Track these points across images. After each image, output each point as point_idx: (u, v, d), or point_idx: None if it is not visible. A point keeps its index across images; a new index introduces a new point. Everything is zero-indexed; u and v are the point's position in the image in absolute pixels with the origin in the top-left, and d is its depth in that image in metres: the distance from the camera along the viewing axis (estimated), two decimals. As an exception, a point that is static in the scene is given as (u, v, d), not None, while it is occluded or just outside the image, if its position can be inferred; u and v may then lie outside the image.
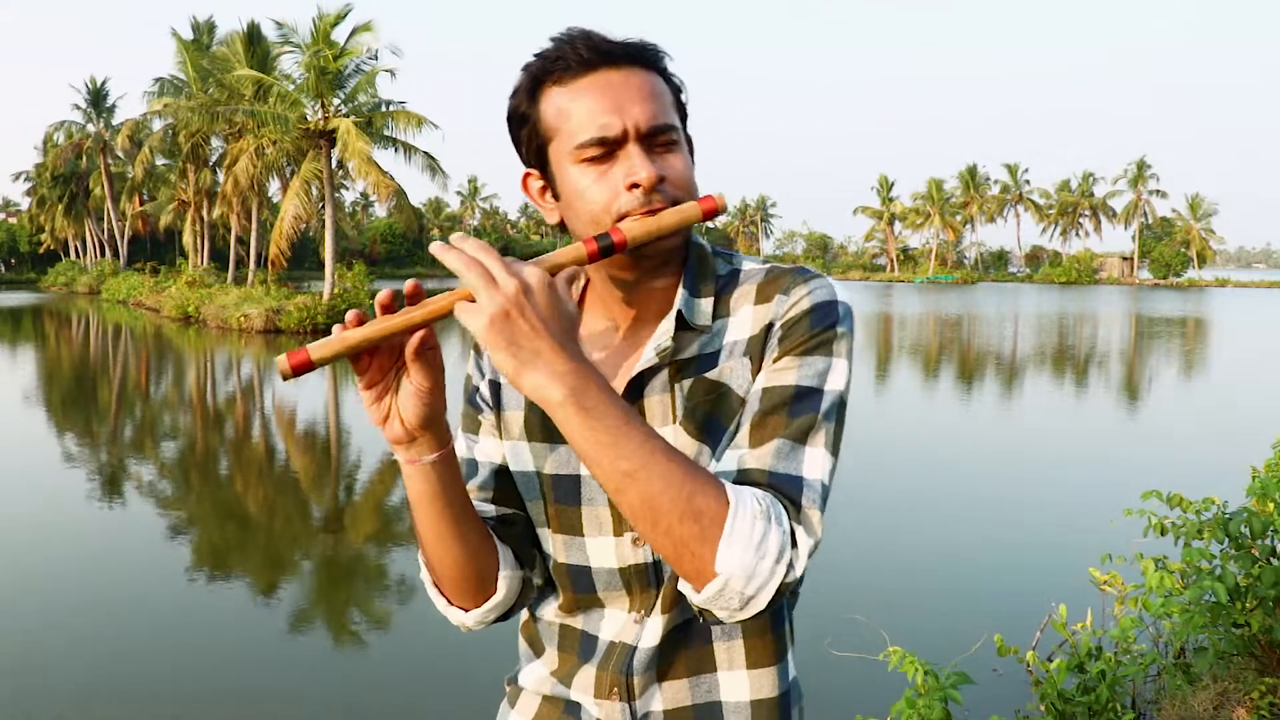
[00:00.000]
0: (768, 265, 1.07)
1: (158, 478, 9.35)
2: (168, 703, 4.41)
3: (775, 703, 1.08)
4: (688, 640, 1.06)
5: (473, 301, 0.85)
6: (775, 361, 0.98)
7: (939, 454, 10.27)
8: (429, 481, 0.98)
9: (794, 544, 0.88)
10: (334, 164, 27.85)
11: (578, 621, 1.11)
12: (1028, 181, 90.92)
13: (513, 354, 0.84)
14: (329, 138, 27.15)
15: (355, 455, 10.68)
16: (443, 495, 0.99)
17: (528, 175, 1.07)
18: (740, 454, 0.95)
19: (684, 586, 0.91)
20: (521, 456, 1.10)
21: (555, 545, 1.10)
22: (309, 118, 27.59)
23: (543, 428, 1.08)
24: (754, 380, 1.00)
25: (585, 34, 1.00)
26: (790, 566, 0.87)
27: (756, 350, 1.01)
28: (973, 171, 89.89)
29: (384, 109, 28.02)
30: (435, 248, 0.87)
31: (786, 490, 0.91)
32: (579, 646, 1.10)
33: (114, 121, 53.88)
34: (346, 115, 27.37)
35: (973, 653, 4.03)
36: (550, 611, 1.14)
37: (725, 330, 1.04)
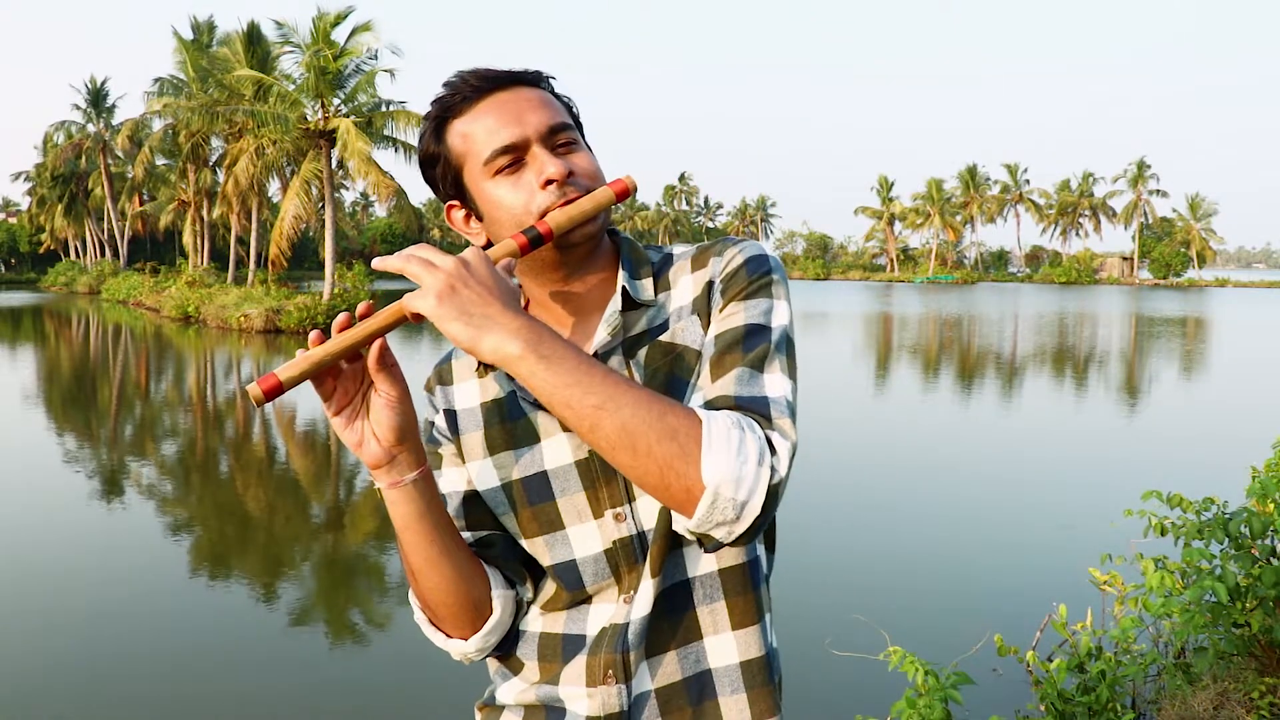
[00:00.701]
0: (698, 244, 1.13)
1: (158, 478, 9.35)
2: (168, 703, 4.41)
3: (763, 661, 1.08)
4: (671, 609, 1.06)
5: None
6: (721, 311, 1.04)
7: (939, 454, 10.27)
8: (414, 502, 1.01)
9: (772, 450, 0.91)
10: (334, 164, 27.85)
11: (562, 626, 1.10)
12: (1028, 181, 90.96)
13: (465, 322, 0.89)
14: (329, 138, 27.16)
15: (355, 455, 10.66)
16: (428, 515, 1.03)
17: (450, 208, 1.12)
18: (704, 391, 0.99)
19: (677, 520, 0.93)
20: (487, 474, 1.12)
21: (541, 550, 1.10)
22: (309, 118, 27.60)
23: (505, 437, 1.11)
24: (705, 335, 1.05)
25: (474, 70, 1.08)
26: (773, 469, 0.90)
27: (703, 308, 1.07)
28: (973, 171, 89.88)
29: (384, 109, 28.03)
30: (375, 262, 0.93)
31: (753, 407, 0.95)
32: (562, 649, 1.09)
33: (114, 121, 53.89)
34: (346, 115, 27.38)
35: (973, 653, 4.03)
36: (531, 623, 1.13)
37: (669, 302, 1.09)
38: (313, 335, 0.94)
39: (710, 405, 0.96)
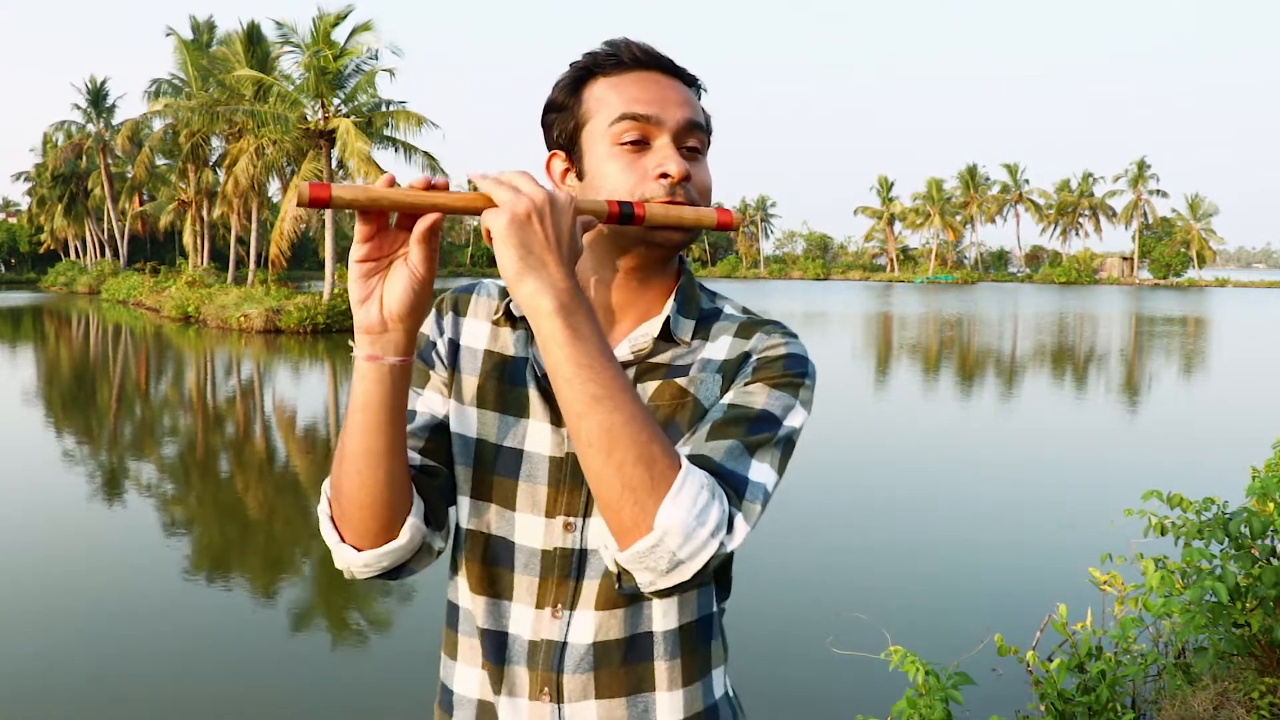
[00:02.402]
0: (748, 314, 1.12)
1: (158, 478, 9.35)
2: (168, 703, 4.41)
3: (702, 717, 1.08)
4: (627, 657, 1.05)
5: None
6: (746, 384, 1.02)
7: (939, 454, 10.27)
8: (382, 385, 0.97)
9: (729, 527, 0.90)
10: (334, 164, 27.85)
11: (489, 616, 1.08)
12: (1027, 181, 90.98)
13: (521, 255, 0.88)
14: (329, 138, 27.15)
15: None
16: (388, 405, 0.98)
17: (552, 157, 1.10)
18: (695, 444, 0.97)
19: (607, 544, 0.91)
20: (467, 420, 1.09)
21: (481, 514, 1.08)
22: (309, 118, 27.59)
23: (498, 397, 1.08)
24: (721, 397, 1.04)
25: (639, 43, 1.06)
26: (722, 544, 0.89)
27: (730, 372, 1.05)
28: (972, 171, 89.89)
29: (384, 109, 28.03)
30: (471, 173, 0.93)
31: (732, 482, 0.94)
32: (493, 649, 1.08)
33: (114, 121, 53.88)
34: (346, 115, 27.38)
35: (973, 653, 4.03)
36: (464, 603, 1.11)
37: (700, 350, 1.07)
38: (386, 177, 0.92)
39: (693, 460, 0.94)
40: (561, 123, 1.07)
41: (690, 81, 1.08)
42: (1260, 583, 3.09)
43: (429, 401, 1.12)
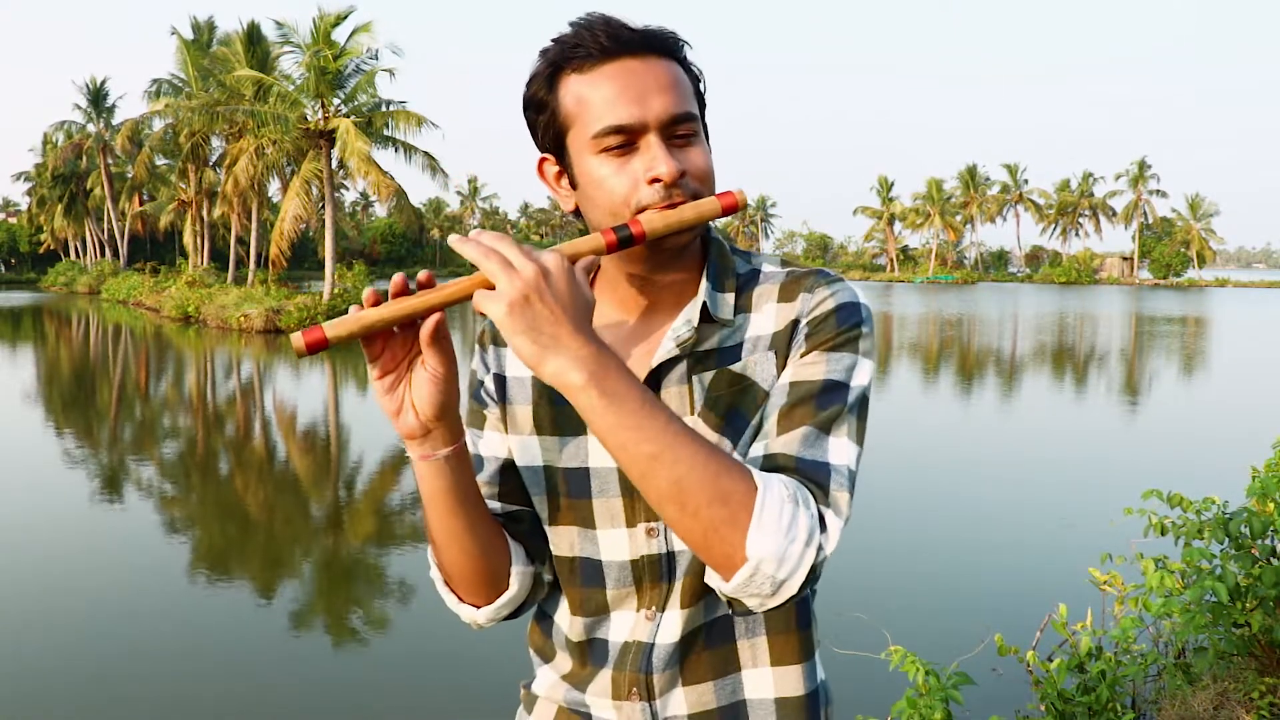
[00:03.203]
0: (788, 267, 1.06)
1: (158, 477, 9.35)
2: (168, 703, 4.41)
3: (802, 701, 1.07)
4: (710, 640, 1.04)
5: (492, 289, 0.85)
6: (802, 356, 0.99)
7: (940, 453, 10.27)
8: (443, 477, 0.97)
9: (823, 527, 0.88)
10: (334, 164, 27.85)
11: (587, 629, 1.08)
12: (1027, 181, 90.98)
13: (533, 339, 0.84)
14: (329, 138, 27.17)
15: (356, 455, 10.68)
16: (456, 491, 0.98)
17: (543, 160, 1.06)
18: (767, 443, 0.95)
19: (712, 577, 0.90)
20: (530, 451, 1.09)
21: (566, 540, 1.08)
22: (309, 118, 27.60)
23: (552, 421, 1.07)
24: (779, 375, 1.00)
25: (605, 20, 0.98)
26: (820, 549, 0.87)
27: (782, 345, 1.01)
28: (972, 171, 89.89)
29: (384, 109, 28.04)
30: (453, 240, 0.87)
31: (813, 475, 0.91)
32: (590, 654, 1.09)
33: (114, 121, 53.88)
34: (346, 115, 27.39)
35: (973, 653, 4.03)
36: (559, 618, 1.12)
37: (747, 325, 1.03)
38: (368, 292, 0.89)
39: (769, 460, 0.92)
40: (544, 125, 1.02)
41: (670, 51, 0.99)
42: (1260, 583, 3.09)
43: (490, 444, 1.11)
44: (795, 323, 1.01)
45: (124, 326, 31.10)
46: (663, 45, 0.99)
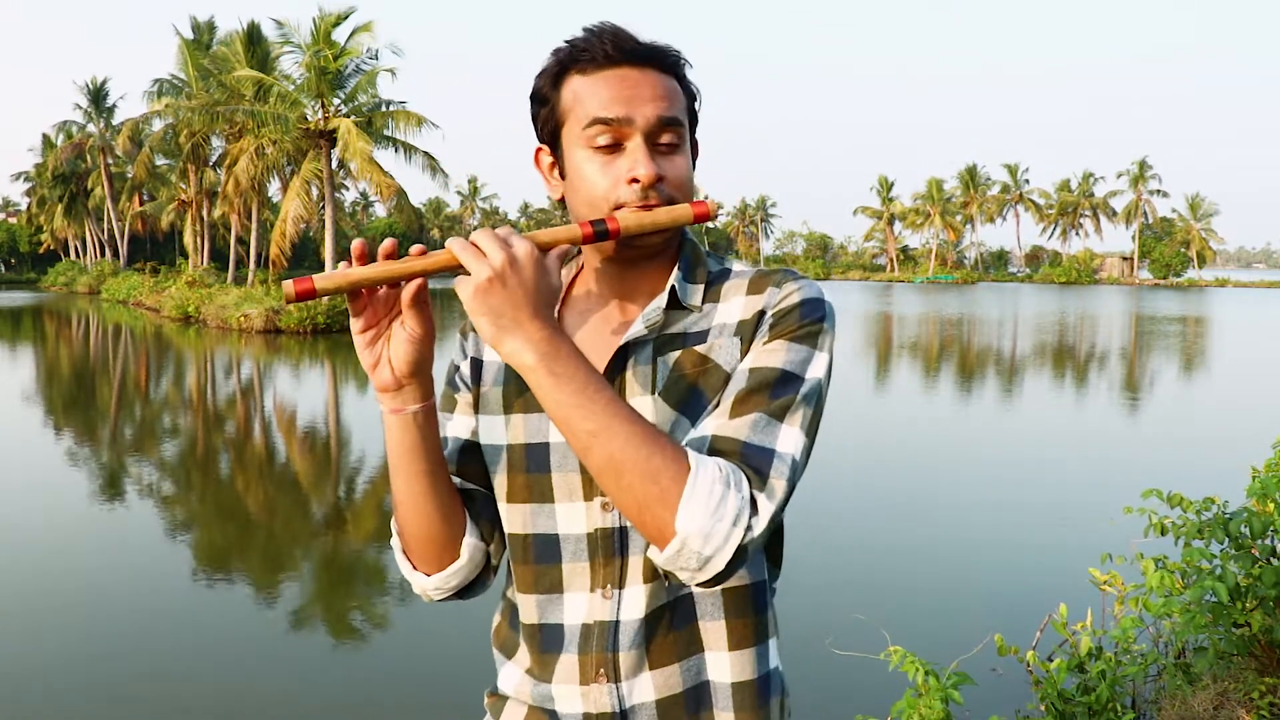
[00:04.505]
0: (757, 267, 1.12)
1: (158, 477, 9.35)
2: (168, 703, 4.41)
3: (753, 686, 1.09)
4: (674, 621, 1.07)
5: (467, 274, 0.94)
6: (765, 344, 1.03)
7: (939, 453, 10.27)
8: (409, 432, 1.05)
9: (755, 510, 0.92)
10: (334, 164, 27.85)
11: (543, 613, 1.11)
12: (1028, 181, 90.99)
13: (493, 320, 0.93)
14: (329, 138, 27.17)
15: (356, 455, 10.68)
16: (421, 447, 1.06)
17: (539, 150, 1.13)
18: (719, 423, 0.98)
19: (650, 549, 0.95)
20: (496, 429, 1.14)
21: (521, 516, 1.12)
22: (309, 118, 27.60)
23: (520, 399, 1.12)
24: (741, 360, 1.04)
25: (614, 30, 1.06)
26: (748, 529, 0.91)
27: (747, 333, 1.06)
28: (973, 171, 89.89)
29: (384, 109, 28.04)
30: (449, 242, 0.96)
31: (755, 461, 0.94)
32: (549, 639, 1.11)
33: (114, 121, 53.89)
34: (347, 115, 27.39)
35: (973, 653, 4.03)
36: (518, 607, 1.15)
37: (714, 314, 1.09)
38: (356, 244, 0.97)
39: (716, 444, 0.96)
40: (544, 118, 1.09)
41: (669, 67, 1.07)
42: (1260, 583, 3.09)
43: (456, 427, 1.18)
44: (761, 313, 1.06)
45: (124, 326, 31.10)
46: (663, 60, 1.07)
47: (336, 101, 27.69)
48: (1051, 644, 4.60)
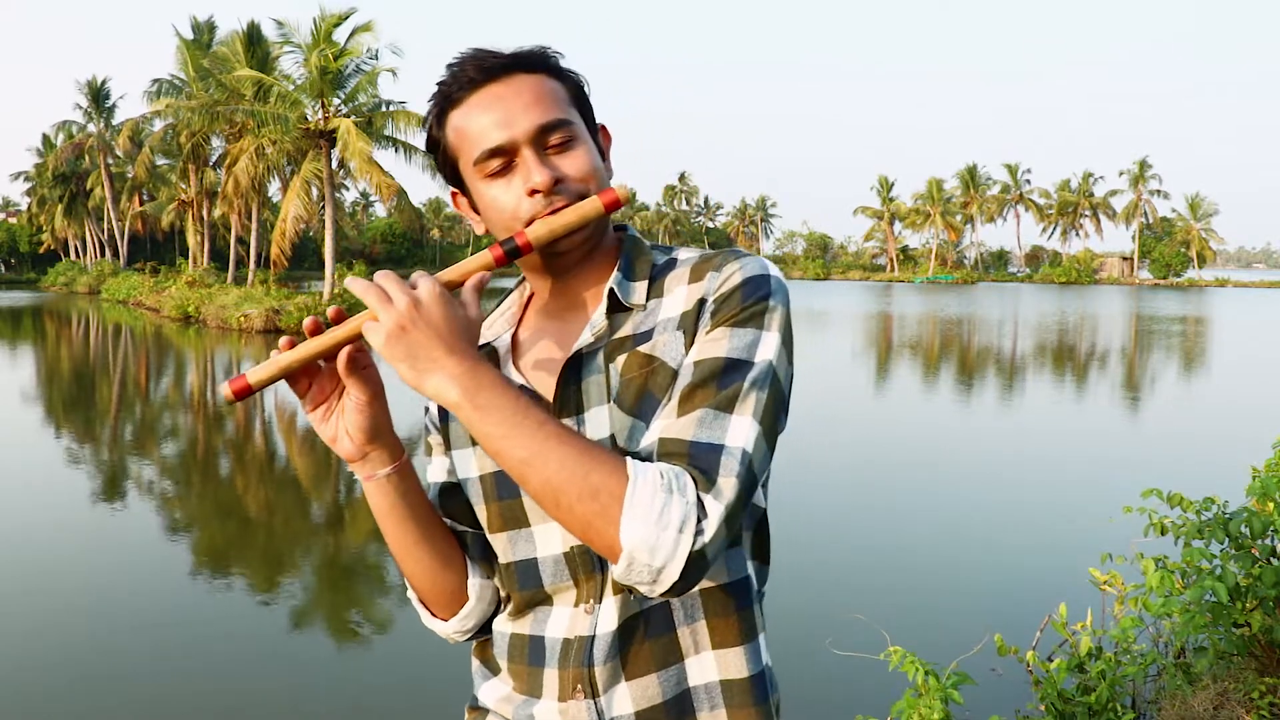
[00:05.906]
0: (702, 251, 1.09)
1: (157, 477, 9.35)
2: (167, 703, 4.41)
3: (748, 683, 1.06)
4: (650, 630, 1.04)
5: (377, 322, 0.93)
6: (708, 334, 0.99)
7: (939, 453, 10.27)
8: (386, 495, 1.06)
9: (704, 513, 0.89)
10: (334, 164, 27.85)
11: (526, 627, 1.10)
12: (1028, 181, 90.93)
13: (411, 364, 0.92)
14: (329, 138, 27.16)
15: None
16: (402, 506, 1.06)
17: (454, 194, 1.13)
18: (665, 424, 0.95)
19: (611, 565, 0.92)
20: (467, 463, 1.13)
21: (504, 545, 1.10)
22: (309, 118, 27.60)
23: None
24: (687, 354, 1.00)
25: (474, 54, 1.04)
26: (697, 535, 0.88)
27: (690, 324, 1.02)
28: (973, 171, 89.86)
29: (384, 109, 28.04)
30: (347, 281, 0.97)
31: (702, 461, 0.91)
32: (531, 653, 1.09)
33: (114, 121, 53.88)
34: (347, 115, 27.38)
35: (973, 653, 4.03)
36: (500, 624, 1.14)
37: (659, 309, 1.05)
38: (283, 340, 0.98)
39: (663, 446, 0.93)
40: (442, 163, 1.09)
41: (537, 67, 1.04)
42: (1260, 583, 3.09)
43: (435, 470, 1.18)
44: (702, 301, 1.02)
45: (124, 326, 31.10)
46: (529, 63, 1.04)
47: (336, 101, 27.68)
48: (1051, 644, 4.60)
